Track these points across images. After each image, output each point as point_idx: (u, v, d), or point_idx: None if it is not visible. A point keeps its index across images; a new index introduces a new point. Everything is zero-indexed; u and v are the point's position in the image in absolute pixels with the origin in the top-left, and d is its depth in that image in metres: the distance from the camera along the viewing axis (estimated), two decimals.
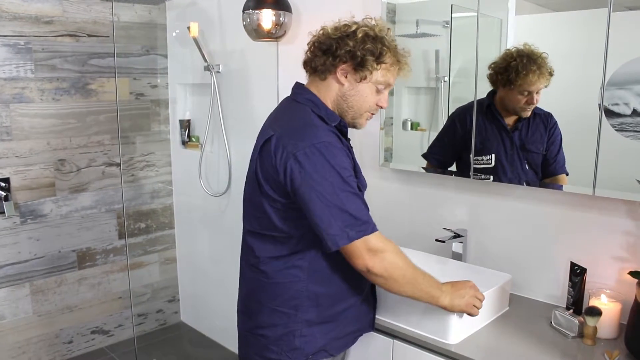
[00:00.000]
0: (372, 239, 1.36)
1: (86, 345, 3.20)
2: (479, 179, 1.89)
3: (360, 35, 1.43)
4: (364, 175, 1.55)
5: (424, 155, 2.07)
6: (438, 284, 1.47)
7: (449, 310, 1.47)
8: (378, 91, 1.50)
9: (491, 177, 1.86)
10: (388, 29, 1.49)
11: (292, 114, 1.49)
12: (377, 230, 1.38)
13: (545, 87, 1.72)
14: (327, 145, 1.36)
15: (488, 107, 1.84)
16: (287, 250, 1.47)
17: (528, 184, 1.79)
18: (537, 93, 1.74)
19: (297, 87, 1.55)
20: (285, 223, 1.44)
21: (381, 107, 1.54)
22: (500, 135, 1.83)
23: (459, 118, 1.92)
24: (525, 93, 1.74)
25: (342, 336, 1.56)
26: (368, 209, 1.40)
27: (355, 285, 1.53)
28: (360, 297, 1.57)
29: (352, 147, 1.56)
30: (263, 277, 1.51)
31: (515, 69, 1.73)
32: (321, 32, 1.49)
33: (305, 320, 1.48)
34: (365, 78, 1.45)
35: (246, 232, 1.57)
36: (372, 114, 1.54)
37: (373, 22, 1.48)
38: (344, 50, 1.42)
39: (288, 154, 1.36)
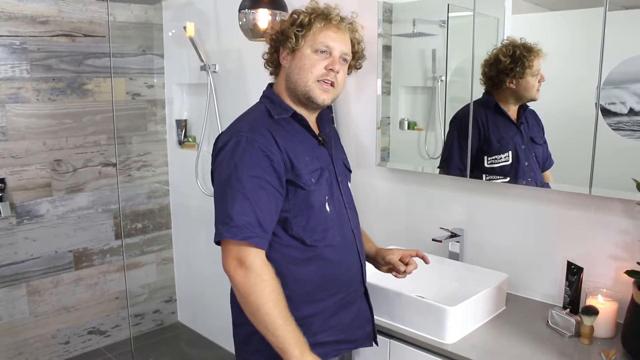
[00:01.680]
0: (247, 252, 1.29)
1: (83, 346, 3.20)
2: (496, 179, 1.88)
3: (286, 18, 1.49)
4: (316, 175, 1.45)
5: (442, 166, 2.01)
6: (301, 344, 1.29)
7: None
8: (322, 59, 1.42)
9: (508, 175, 1.85)
10: (315, 1, 1.50)
11: (245, 112, 1.53)
12: (258, 246, 1.30)
13: None
14: (241, 140, 1.36)
15: (497, 106, 1.83)
16: None
17: (537, 179, 1.80)
18: None
19: (266, 87, 1.58)
20: None
21: (332, 70, 1.43)
22: (512, 131, 1.84)
23: (467, 122, 1.90)
24: (536, 73, 1.76)
25: (314, 344, 1.37)
26: (256, 218, 1.30)
27: (316, 290, 1.43)
28: (333, 305, 1.46)
29: (323, 142, 1.51)
30: None
31: (523, 56, 1.74)
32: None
33: None
34: (293, 49, 1.44)
35: None
36: (327, 82, 1.44)
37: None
38: (272, 37, 1.49)
39: (215, 148, 1.42)
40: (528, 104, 1.77)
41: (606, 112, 1.56)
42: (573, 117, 1.67)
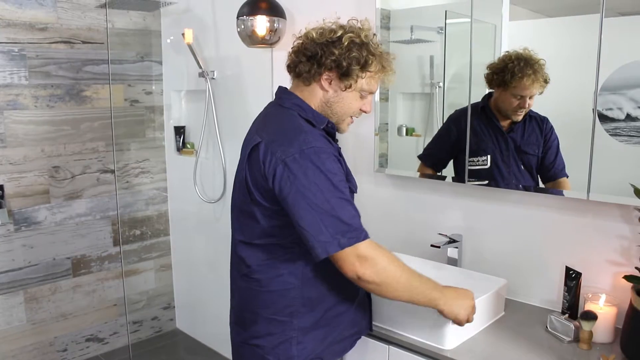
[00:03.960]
0: (363, 246, 1.32)
1: (81, 353, 3.18)
2: (474, 181, 1.90)
3: (346, 42, 1.40)
4: (355, 179, 1.54)
5: (420, 156, 2.07)
6: (438, 286, 1.44)
7: (445, 314, 1.44)
8: (362, 97, 1.49)
9: (487, 178, 1.86)
10: (374, 34, 1.48)
11: (279, 119, 1.46)
12: (368, 237, 1.35)
13: (540, 93, 1.72)
14: (317, 151, 1.34)
15: (482, 109, 1.85)
16: (280, 258, 1.45)
17: (524, 186, 1.80)
18: (530, 98, 1.75)
19: (282, 91, 1.53)
20: (277, 230, 1.42)
21: (364, 112, 1.54)
22: (495, 136, 1.84)
23: (455, 121, 1.93)
24: (519, 97, 1.76)
25: (340, 340, 1.55)
26: (359, 216, 1.37)
27: (350, 289, 1.51)
28: (356, 300, 1.56)
29: (340, 149, 1.56)
30: (256, 286, 1.49)
31: (512, 71, 1.75)
32: (305, 36, 1.46)
33: (301, 327, 1.47)
34: (350, 87, 1.44)
35: (237, 242, 1.54)
36: (355, 117, 1.55)
37: (359, 25, 1.46)
38: (329, 59, 1.40)
39: (277, 161, 1.34)
40: (536, 111, 1.75)
41: (603, 118, 1.57)
42: (571, 123, 1.67)
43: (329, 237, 1.30)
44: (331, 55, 1.40)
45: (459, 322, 1.46)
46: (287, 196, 1.33)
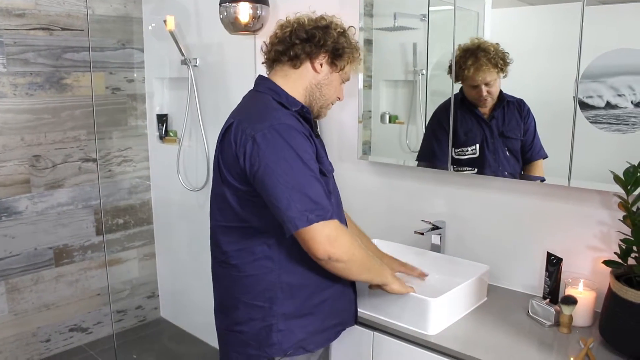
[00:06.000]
0: (331, 225, 1.34)
1: (64, 344, 3.17)
2: (463, 171, 1.91)
3: (337, 30, 1.50)
4: (331, 162, 1.56)
5: (420, 158, 2.05)
6: (383, 265, 1.56)
7: (392, 291, 1.54)
8: (341, 83, 1.57)
9: (476, 167, 1.87)
10: (350, 26, 1.57)
11: (253, 102, 1.51)
12: (335, 218, 1.37)
13: (504, 77, 1.75)
14: (287, 128, 1.36)
15: (462, 101, 1.86)
16: (255, 241, 1.45)
17: (511, 172, 1.82)
18: (486, 85, 1.78)
19: (259, 78, 1.57)
20: (249, 212, 1.43)
21: (339, 99, 1.61)
22: (479, 125, 1.85)
23: (442, 116, 1.93)
24: (474, 86, 1.80)
25: (322, 330, 1.54)
26: (328, 196, 1.39)
27: (330, 276, 1.49)
28: (338, 289, 1.55)
29: (318, 135, 1.56)
30: (234, 272, 1.50)
31: (459, 64, 1.81)
32: (296, 22, 1.51)
33: (282, 314, 1.47)
34: (343, 68, 1.52)
35: (212, 228, 1.55)
36: (332, 104, 1.61)
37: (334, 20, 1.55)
38: (329, 40, 1.48)
39: (247, 137, 1.36)
40: (512, 94, 1.77)
41: (584, 106, 1.58)
42: (552, 111, 1.69)
43: (297, 212, 1.31)
44: (330, 37, 1.48)
45: (403, 292, 1.55)
46: (256, 172, 1.34)
